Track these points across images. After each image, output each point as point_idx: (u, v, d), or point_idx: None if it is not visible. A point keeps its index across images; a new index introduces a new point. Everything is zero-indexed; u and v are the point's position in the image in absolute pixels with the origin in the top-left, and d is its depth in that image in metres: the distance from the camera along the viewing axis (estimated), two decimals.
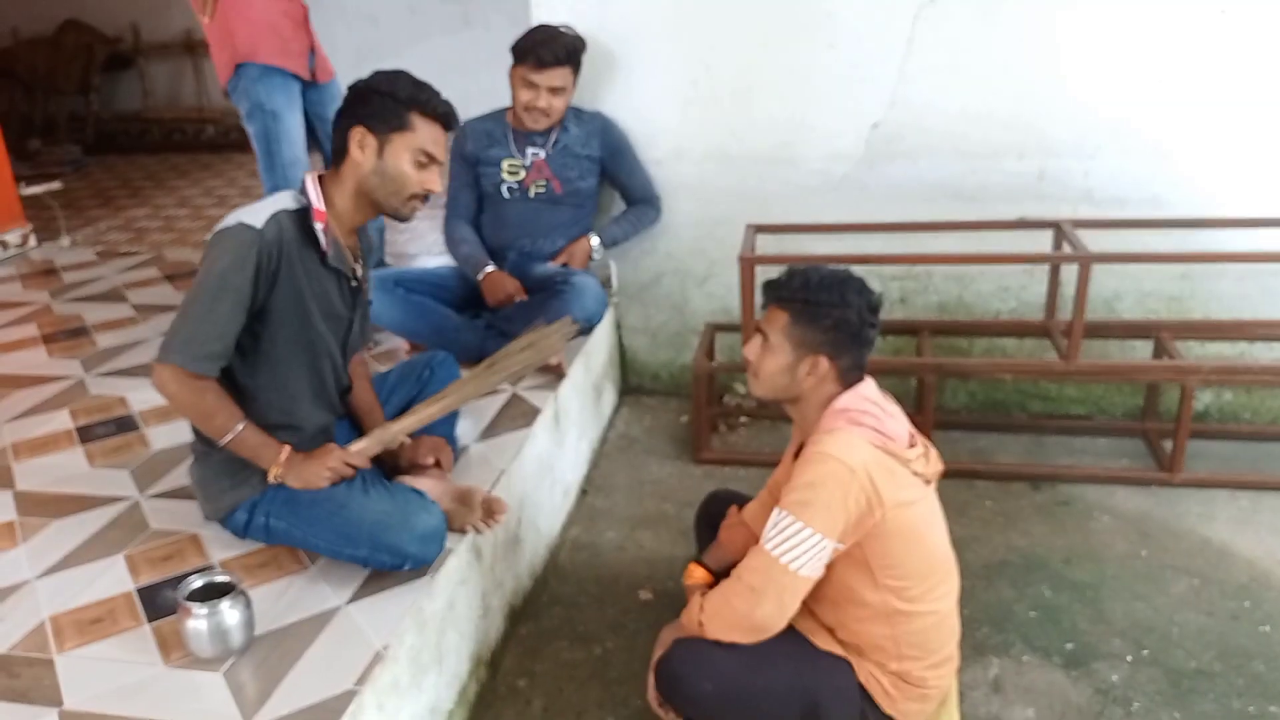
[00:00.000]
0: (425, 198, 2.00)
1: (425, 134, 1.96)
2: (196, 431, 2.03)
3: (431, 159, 1.97)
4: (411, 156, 1.95)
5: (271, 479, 1.95)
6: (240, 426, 1.90)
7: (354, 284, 2.08)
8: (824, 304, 1.78)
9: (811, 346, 1.79)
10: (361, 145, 1.94)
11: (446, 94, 2.04)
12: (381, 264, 3.54)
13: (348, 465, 1.99)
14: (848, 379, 1.82)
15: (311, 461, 1.96)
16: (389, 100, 1.93)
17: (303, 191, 1.96)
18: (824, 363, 1.79)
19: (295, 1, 3.16)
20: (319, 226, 1.93)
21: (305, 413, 2.05)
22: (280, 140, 3.17)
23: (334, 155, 2.00)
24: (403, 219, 2.03)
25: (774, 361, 1.82)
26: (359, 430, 2.21)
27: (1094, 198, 3.11)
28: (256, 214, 1.88)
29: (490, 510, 2.17)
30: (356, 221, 2.03)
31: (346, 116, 1.97)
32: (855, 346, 1.80)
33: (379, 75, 1.98)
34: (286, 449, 1.94)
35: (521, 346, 2.20)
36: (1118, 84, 2.98)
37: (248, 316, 1.88)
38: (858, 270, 1.88)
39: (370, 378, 2.35)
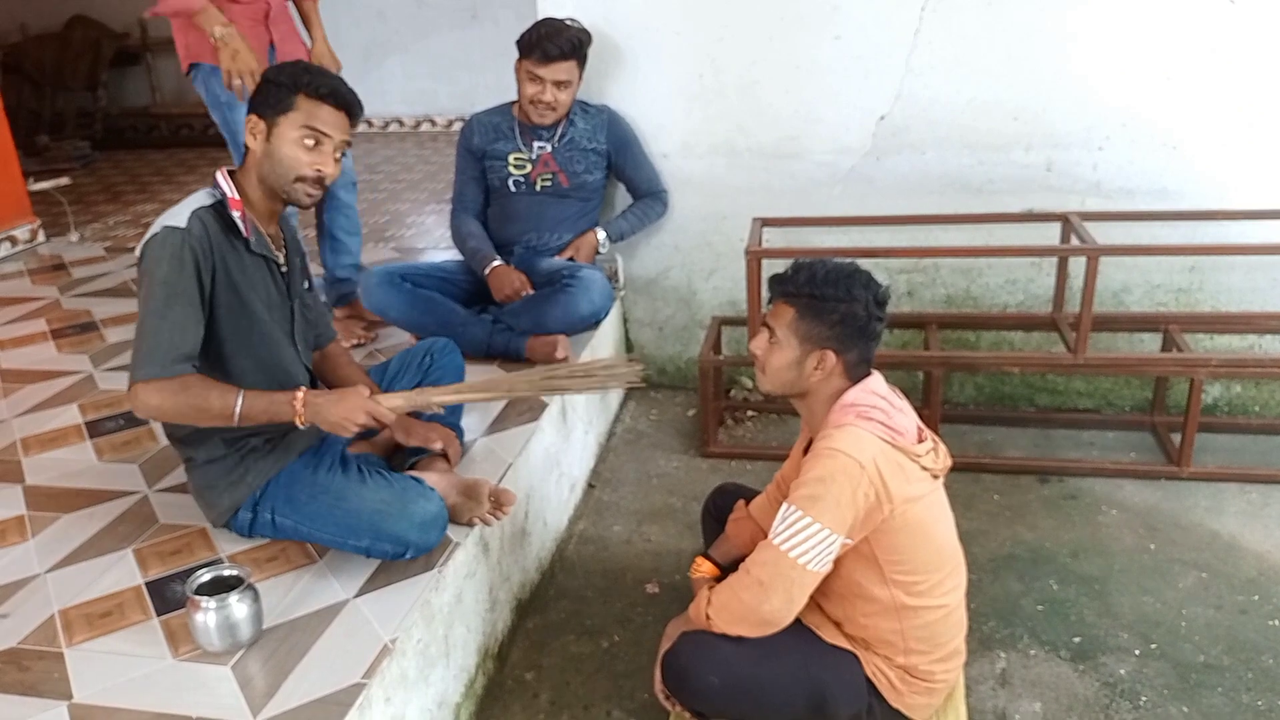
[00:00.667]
0: (320, 182, 1.97)
1: (310, 112, 1.93)
2: (181, 441, 2.02)
3: (320, 138, 1.94)
4: (298, 136, 1.93)
5: (301, 424, 1.89)
6: (239, 397, 1.86)
7: (283, 270, 2.07)
8: (830, 298, 1.77)
9: (818, 341, 1.78)
10: (254, 132, 1.95)
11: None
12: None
13: (375, 420, 1.93)
14: (855, 373, 1.82)
15: (342, 405, 1.90)
16: (274, 86, 1.94)
17: (216, 186, 1.97)
18: (831, 357, 1.78)
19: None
20: (236, 215, 1.93)
21: None
22: (241, 131, 3.17)
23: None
24: (300, 205, 2.00)
25: (781, 357, 1.82)
26: None
27: (1102, 190, 3.10)
28: (178, 215, 1.88)
29: (499, 502, 2.17)
30: (271, 209, 2.03)
31: (250, 107, 1.98)
32: (862, 341, 1.80)
33: (272, 67, 2.01)
34: (301, 392, 1.90)
35: (587, 370, 2.17)
36: (1126, 75, 2.96)
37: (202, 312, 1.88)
38: (864, 264, 1.88)
39: (351, 359, 2.35)
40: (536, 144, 3.15)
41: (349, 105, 1.98)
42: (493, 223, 3.24)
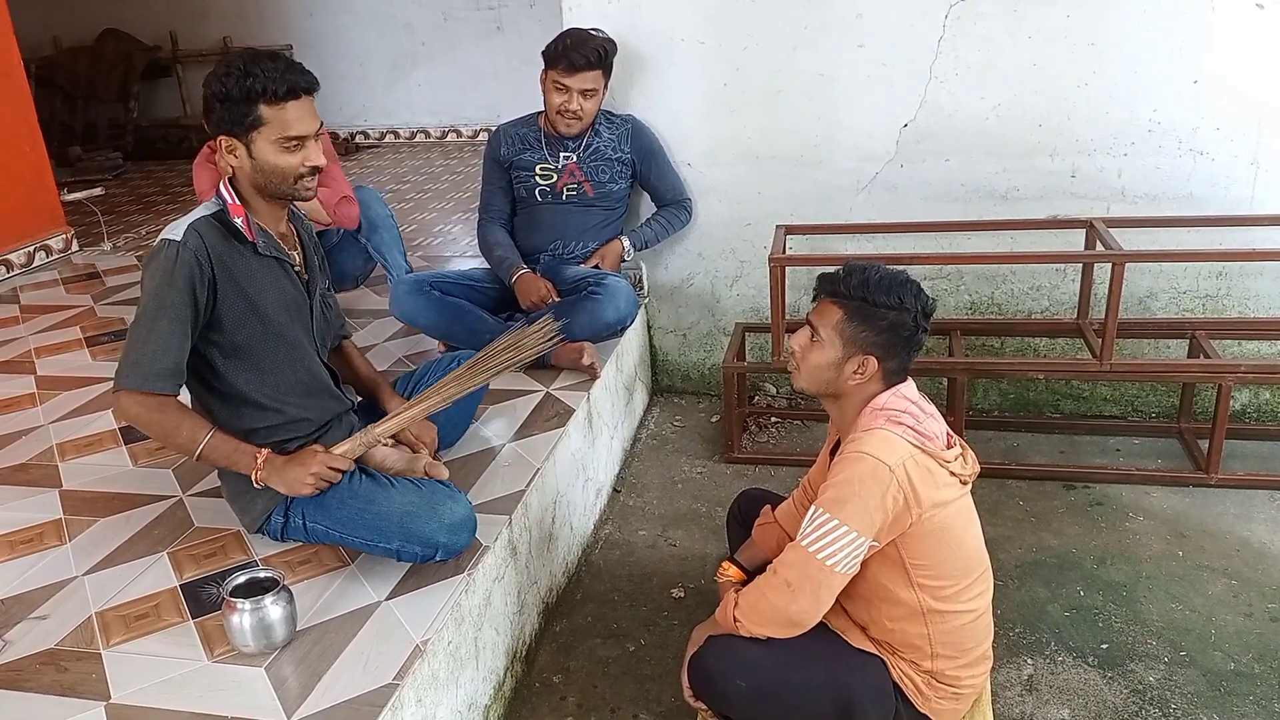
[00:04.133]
0: (314, 171, 1.97)
1: (280, 120, 1.90)
2: None
3: (300, 139, 1.93)
4: (279, 146, 1.92)
5: (256, 483, 1.95)
6: (208, 435, 1.90)
7: (297, 270, 2.08)
8: (881, 305, 1.76)
9: (862, 346, 1.78)
10: (232, 152, 1.94)
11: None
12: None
13: (332, 469, 1.97)
14: (891, 380, 1.82)
15: (293, 465, 1.95)
16: (231, 104, 1.88)
17: (217, 194, 1.99)
18: (872, 363, 1.78)
19: None
20: (238, 221, 1.95)
21: (300, 407, 2.08)
22: None
23: None
24: (304, 199, 2.02)
25: (821, 356, 1.81)
26: (378, 413, 2.24)
27: (1127, 196, 3.09)
28: (176, 229, 1.91)
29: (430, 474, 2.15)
30: (274, 211, 2.03)
31: (209, 126, 1.96)
32: (905, 350, 1.79)
33: (211, 79, 1.91)
34: (264, 452, 1.94)
35: (503, 346, 2.19)
36: (1151, 81, 2.96)
37: (202, 327, 1.91)
38: None
39: (363, 355, 2.39)
40: (562, 154, 3.18)
41: (309, 88, 1.93)
42: (519, 231, 3.27)
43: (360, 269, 3.71)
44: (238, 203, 1.96)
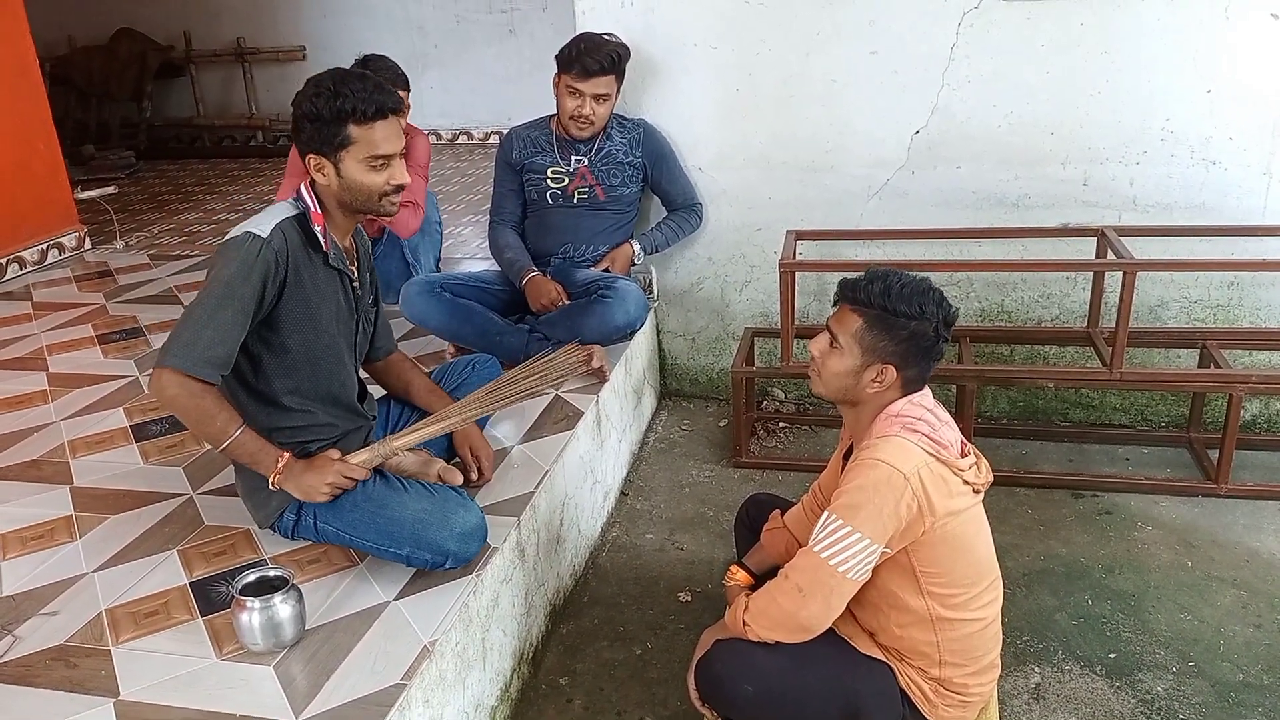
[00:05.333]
0: (398, 190, 2.01)
1: (368, 140, 1.93)
2: None
3: (386, 158, 1.96)
4: (365, 166, 1.95)
5: (272, 486, 1.96)
6: (238, 431, 1.90)
7: (354, 285, 2.11)
8: (902, 314, 1.74)
9: (881, 355, 1.77)
10: (320, 170, 1.97)
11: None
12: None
13: (347, 478, 1.99)
14: (909, 388, 1.81)
15: (310, 472, 1.96)
16: (321, 124, 1.92)
17: (299, 198, 2.01)
18: (891, 373, 1.77)
19: None
20: (318, 229, 1.98)
21: (329, 414, 2.10)
22: None
23: None
24: (387, 215, 2.06)
25: (840, 363, 1.80)
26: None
27: (1139, 205, 3.09)
28: (262, 224, 1.92)
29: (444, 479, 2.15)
30: (348, 225, 2.08)
31: (297, 144, 1.99)
32: (925, 359, 1.79)
33: (301, 98, 1.94)
34: (286, 456, 1.95)
35: (526, 374, 2.21)
36: (1164, 90, 2.95)
37: (257, 324, 1.92)
38: None
39: (416, 365, 2.41)
40: (574, 157, 3.19)
41: (395, 108, 1.98)
42: (530, 234, 3.28)
43: (397, 278, 3.66)
44: (319, 211, 1.99)
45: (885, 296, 1.75)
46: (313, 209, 1.98)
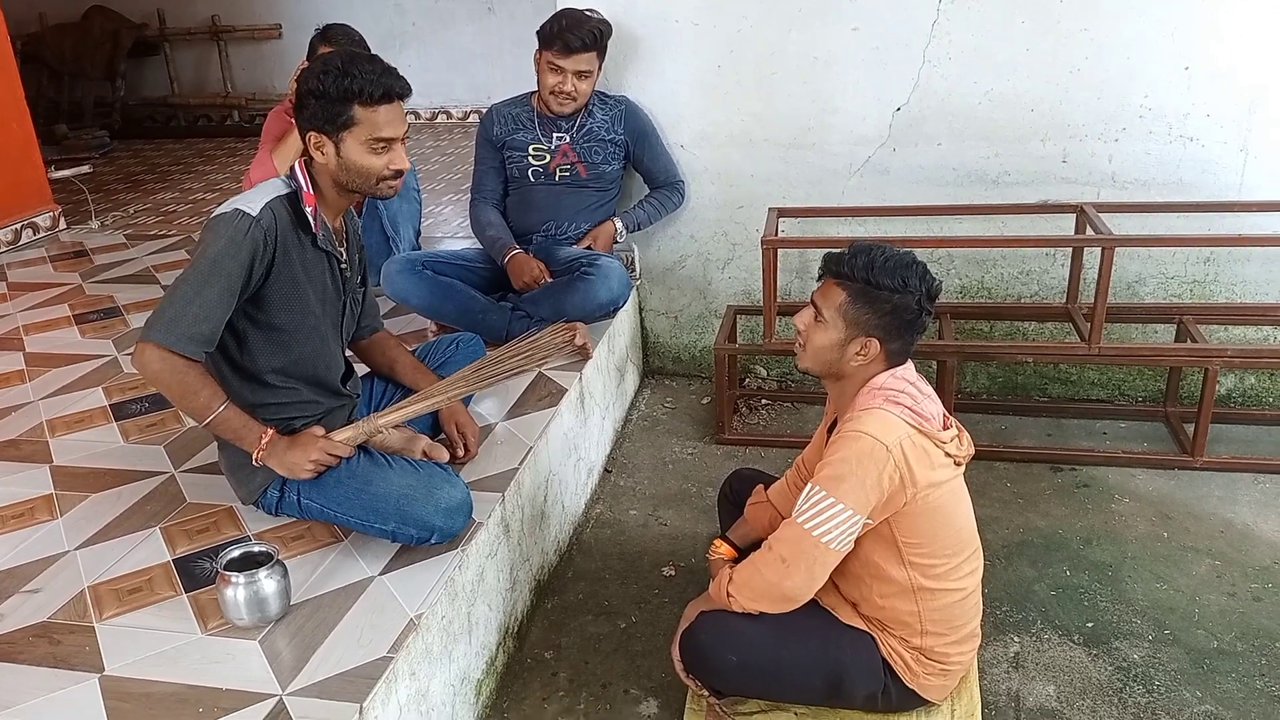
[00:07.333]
0: (397, 174, 2.00)
1: (372, 122, 1.92)
2: None
3: (388, 142, 1.96)
4: (367, 148, 1.94)
5: (256, 462, 1.95)
6: (221, 407, 1.90)
7: (342, 266, 2.10)
8: (885, 288, 1.76)
9: (865, 328, 1.78)
10: (320, 148, 1.96)
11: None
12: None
13: (331, 455, 1.98)
14: (893, 361, 1.82)
15: (295, 449, 1.95)
16: (326, 101, 1.90)
17: (292, 176, 1.99)
18: (875, 345, 1.79)
19: None
20: (309, 210, 1.96)
21: (313, 392, 2.09)
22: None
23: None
24: (384, 198, 2.06)
25: (825, 337, 1.82)
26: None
27: (1117, 181, 3.11)
28: (252, 201, 1.91)
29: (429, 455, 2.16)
30: (341, 205, 2.06)
31: (300, 120, 1.98)
32: (908, 332, 1.80)
33: (309, 75, 1.93)
34: (270, 432, 1.95)
35: (512, 353, 2.22)
36: (1143, 66, 2.97)
37: (244, 301, 1.91)
38: None
39: (400, 344, 2.41)
40: (555, 134, 3.18)
41: (403, 93, 1.97)
42: (512, 212, 3.26)
43: (377, 253, 3.63)
44: (311, 192, 1.98)
45: (869, 270, 1.77)
46: (305, 189, 1.97)
